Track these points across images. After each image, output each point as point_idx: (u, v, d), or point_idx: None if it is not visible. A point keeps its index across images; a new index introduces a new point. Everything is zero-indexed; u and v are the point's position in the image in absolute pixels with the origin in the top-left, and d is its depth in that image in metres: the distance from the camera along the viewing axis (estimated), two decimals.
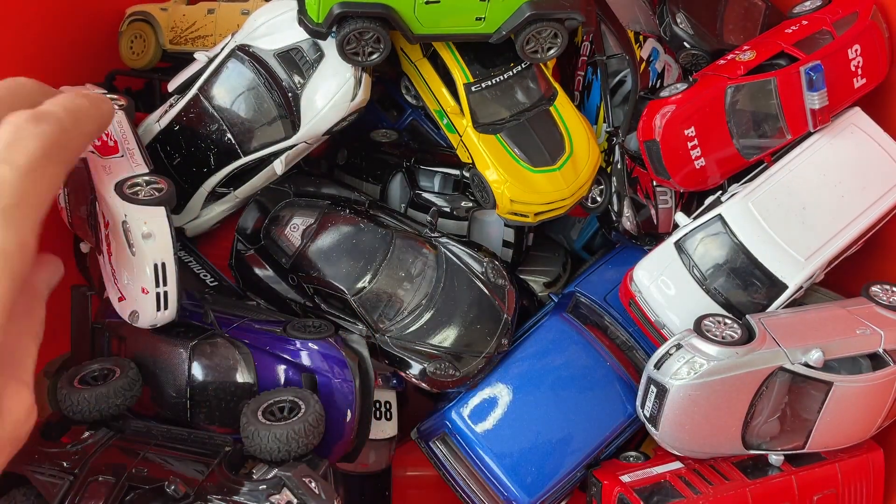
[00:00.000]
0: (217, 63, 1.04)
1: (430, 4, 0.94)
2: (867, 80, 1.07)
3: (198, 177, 1.07)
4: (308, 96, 1.02)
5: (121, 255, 0.89)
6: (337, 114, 1.02)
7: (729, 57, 1.07)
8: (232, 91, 1.04)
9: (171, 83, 1.08)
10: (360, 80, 1.01)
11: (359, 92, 1.01)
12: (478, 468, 1.04)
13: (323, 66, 1.01)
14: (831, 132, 1.06)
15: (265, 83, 1.02)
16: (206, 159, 1.06)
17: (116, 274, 0.93)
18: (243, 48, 1.03)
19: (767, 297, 1.00)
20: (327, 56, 1.01)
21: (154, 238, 0.85)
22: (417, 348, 1.02)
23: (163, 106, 1.10)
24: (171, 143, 1.08)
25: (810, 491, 0.96)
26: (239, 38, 1.04)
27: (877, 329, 0.96)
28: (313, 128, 1.02)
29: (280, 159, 1.04)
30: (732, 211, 1.02)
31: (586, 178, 1.05)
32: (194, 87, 1.05)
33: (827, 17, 1.07)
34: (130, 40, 1.27)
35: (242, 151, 1.04)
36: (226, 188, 1.09)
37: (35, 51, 1.20)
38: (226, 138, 1.04)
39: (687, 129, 1.03)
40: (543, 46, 1.01)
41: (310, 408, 0.87)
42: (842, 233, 1.01)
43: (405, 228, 1.10)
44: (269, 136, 1.04)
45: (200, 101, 1.05)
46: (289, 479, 0.76)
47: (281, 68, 1.02)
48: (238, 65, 1.03)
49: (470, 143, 1.04)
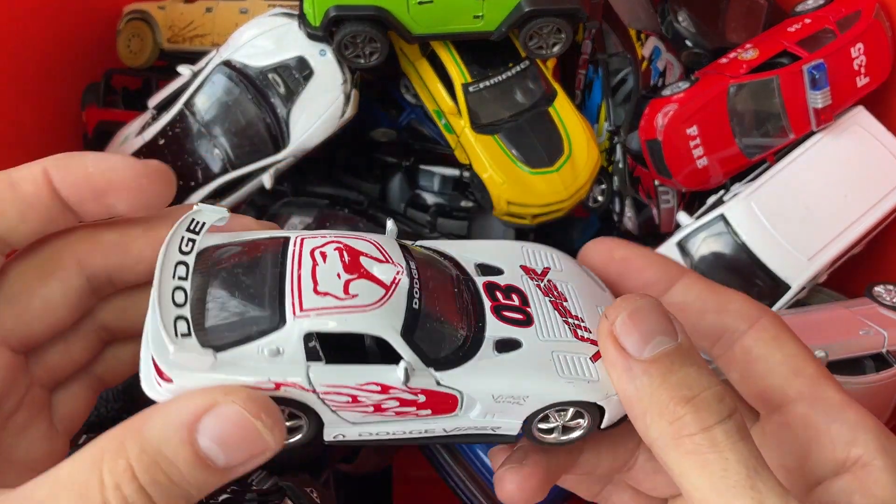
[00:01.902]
0: (202, 78, 1.02)
1: (424, 4, 0.94)
2: (870, 79, 1.06)
3: (184, 191, 1.05)
4: (297, 113, 1.00)
5: None
6: (326, 130, 1.01)
7: (731, 55, 1.07)
8: (218, 106, 1.02)
9: (151, 99, 1.07)
10: (350, 96, 1.01)
11: (347, 109, 1.01)
12: (478, 470, 1.04)
13: (312, 83, 1.00)
14: (834, 131, 1.05)
15: (253, 99, 1.01)
16: (193, 174, 1.04)
17: None
18: (229, 63, 1.02)
19: (770, 298, 1.00)
20: (316, 73, 1.00)
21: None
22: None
23: (142, 117, 1.09)
24: (156, 158, 1.06)
25: None
26: (225, 54, 1.02)
27: (880, 330, 0.95)
28: (302, 144, 1.01)
29: (268, 173, 1.03)
30: (735, 211, 1.01)
31: (585, 180, 1.05)
32: (180, 102, 1.04)
33: (830, 16, 1.06)
34: (128, 39, 1.26)
35: (230, 166, 1.03)
36: (212, 199, 1.08)
37: (33, 49, 1.19)
38: (213, 153, 1.03)
39: (689, 128, 1.03)
40: (548, 42, 1.01)
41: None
42: (845, 233, 1.00)
43: (405, 228, 1.09)
44: (256, 152, 1.02)
45: (186, 116, 1.03)
46: (290, 489, 0.76)
47: (269, 85, 1.01)
48: (224, 80, 1.01)
49: (467, 143, 1.04)
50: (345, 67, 1.00)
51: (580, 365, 0.44)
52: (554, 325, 0.46)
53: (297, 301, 0.41)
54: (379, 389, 0.41)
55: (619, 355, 0.42)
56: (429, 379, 0.42)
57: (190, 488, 0.38)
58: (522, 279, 0.49)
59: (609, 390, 0.44)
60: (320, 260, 0.43)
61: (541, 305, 0.47)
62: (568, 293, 0.48)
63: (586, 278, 0.51)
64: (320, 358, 0.41)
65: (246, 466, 0.40)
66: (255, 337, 0.41)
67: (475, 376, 0.43)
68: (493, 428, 0.45)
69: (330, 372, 0.41)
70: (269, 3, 1.18)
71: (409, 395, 0.42)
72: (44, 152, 0.48)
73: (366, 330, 0.41)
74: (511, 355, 0.44)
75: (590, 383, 0.44)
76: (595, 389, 0.44)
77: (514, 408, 0.44)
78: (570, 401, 0.44)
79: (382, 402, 0.42)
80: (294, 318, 0.40)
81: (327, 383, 0.41)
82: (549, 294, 0.48)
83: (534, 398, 0.44)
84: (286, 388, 0.40)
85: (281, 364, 0.40)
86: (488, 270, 0.49)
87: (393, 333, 0.41)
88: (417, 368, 0.42)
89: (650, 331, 0.41)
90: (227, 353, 0.40)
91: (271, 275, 0.43)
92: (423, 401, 0.43)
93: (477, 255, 0.50)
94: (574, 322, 0.46)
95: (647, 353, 0.41)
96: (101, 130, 1.22)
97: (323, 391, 0.41)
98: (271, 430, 0.38)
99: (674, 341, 0.41)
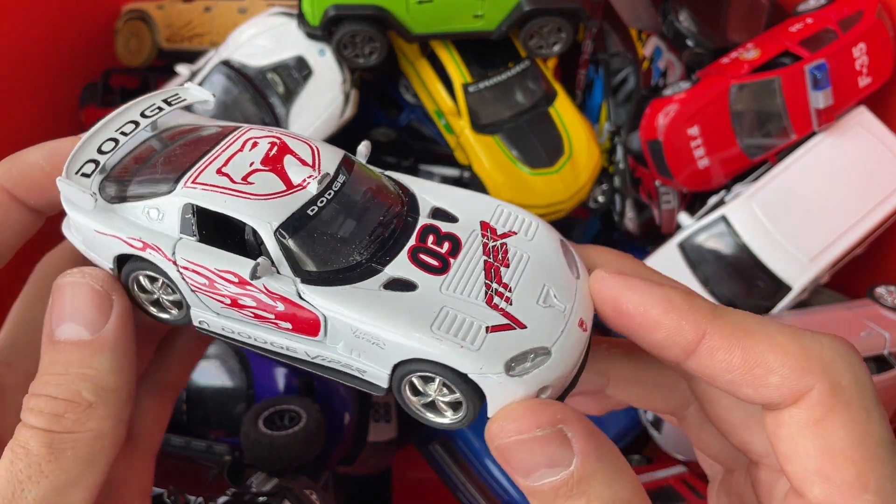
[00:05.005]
0: (201, 77, 1.02)
1: (423, 4, 0.93)
2: (872, 79, 1.05)
3: None
4: (296, 113, 1.00)
5: None
6: (326, 130, 1.01)
7: (733, 55, 1.06)
8: (217, 106, 1.02)
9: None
10: (349, 96, 1.00)
11: (347, 109, 1.01)
12: (477, 472, 1.03)
13: (311, 83, 1.00)
14: (836, 132, 1.04)
15: (251, 99, 1.00)
16: None
17: None
18: (228, 63, 1.01)
19: (772, 299, 0.99)
20: (315, 73, 1.00)
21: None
22: None
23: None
24: None
25: None
26: (224, 53, 1.02)
27: (881, 331, 0.95)
28: None
29: None
30: (736, 212, 1.01)
31: (586, 181, 1.04)
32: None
33: (831, 16, 1.06)
34: (127, 38, 1.26)
35: None
36: None
37: (32, 49, 1.19)
38: None
39: (690, 129, 1.02)
40: (548, 42, 1.00)
41: (311, 417, 0.86)
42: (847, 234, 1.00)
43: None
44: None
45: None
46: (289, 491, 0.75)
47: (268, 84, 1.00)
48: (223, 79, 1.01)
49: (467, 144, 1.03)
50: (344, 67, 1.00)
51: (467, 328, 0.38)
52: (469, 282, 0.41)
53: (194, 174, 0.42)
54: (237, 281, 0.41)
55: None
56: (290, 287, 0.40)
57: (82, 378, 0.39)
58: (472, 233, 0.44)
59: (490, 367, 0.37)
60: (247, 148, 0.43)
61: (469, 261, 0.42)
62: (516, 262, 0.42)
63: (555, 259, 0.43)
64: (193, 234, 0.41)
65: (113, 331, 0.41)
66: (146, 198, 0.42)
67: (340, 301, 0.39)
68: (360, 371, 0.42)
69: (195, 249, 0.41)
70: (268, 3, 1.18)
71: (266, 299, 0.41)
72: None
73: (239, 216, 0.40)
74: (393, 294, 0.40)
75: (463, 349, 0.37)
76: (467, 357, 0.37)
77: (376, 351, 0.40)
78: (433, 362, 0.38)
79: (239, 296, 0.41)
80: (183, 188, 0.41)
81: (189, 259, 0.41)
82: (491, 255, 0.42)
83: (393, 345, 0.39)
84: (150, 252, 0.42)
85: (154, 228, 0.42)
86: (442, 215, 0.45)
87: (265, 227, 0.40)
88: (282, 273, 0.40)
89: (533, 464, 0.36)
90: (119, 205, 0.43)
91: (198, 152, 0.44)
92: (282, 310, 0.41)
93: (443, 200, 0.46)
94: (497, 288, 0.40)
95: (531, 482, 0.36)
96: None
97: (183, 265, 0.42)
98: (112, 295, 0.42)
99: (563, 469, 0.35)
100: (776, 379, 0.37)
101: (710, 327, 0.38)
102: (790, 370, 0.37)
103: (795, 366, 0.37)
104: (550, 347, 0.39)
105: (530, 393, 0.38)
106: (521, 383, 0.37)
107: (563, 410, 0.37)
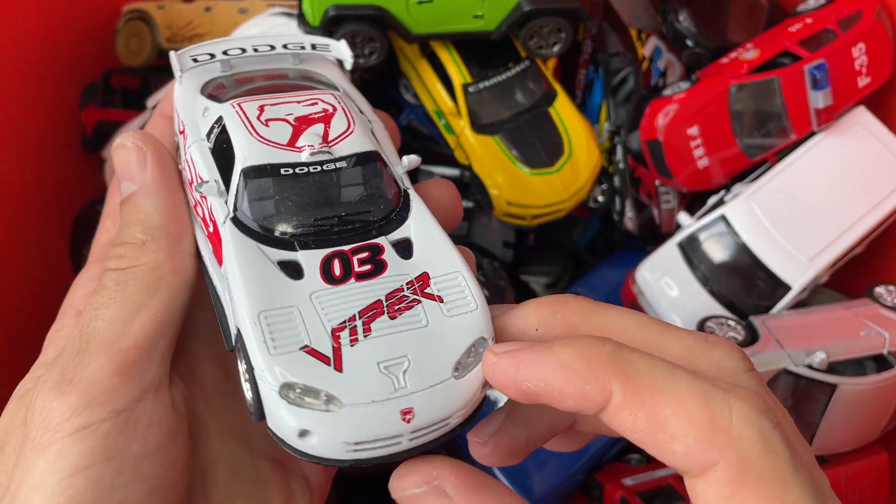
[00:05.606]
0: None
1: (423, 4, 0.93)
2: (872, 79, 1.05)
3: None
4: None
5: None
6: None
7: (732, 55, 1.06)
8: None
9: (150, 99, 1.06)
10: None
11: None
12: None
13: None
14: (836, 132, 1.05)
15: None
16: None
17: None
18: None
19: (771, 299, 1.00)
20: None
21: None
22: None
23: (141, 116, 1.08)
24: None
25: None
26: None
27: (881, 331, 0.95)
28: None
29: None
30: (736, 211, 1.01)
31: (585, 181, 1.04)
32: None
33: (831, 16, 1.06)
34: (127, 38, 1.26)
35: None
36: None
37: (32, 49, 1.19)
38: None
39: (690, 129, 1.02)
40: (548, 42, 1.00)
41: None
42: (846, 233, 1.00)
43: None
44: None
45: None
46: None
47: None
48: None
49: (467, 144, 1.03)
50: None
51: (289, 335, 0.37)
52: (340, 306, 0.39)
53: (245, 100, 0.47)
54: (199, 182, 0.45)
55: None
56: (221, 218, 0.42)
57: (135, 223, 0.46)
58: (404, 276, 0.41)
59: (271, 376, 0.36)
60: (305, 103, 0.46)
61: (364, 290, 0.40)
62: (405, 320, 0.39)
63: (446, 346, 0.39)
64: (210, 142, 0.46)
65: (151, 176, 0.47)
66: (212, 99, 0.49)
67: (235, 250, 0.40)
68: (224, 317, 0.43)
69: (200, 151, 0.46)
70: (268, 3, 1.18)
71: (207, 217, 0.44)
72: (43, 152, 0.48)
73: (234, 141, 0.44)
74: (275, 272, 0.40)
75: (265, 344, 0.37)
76: (261, 355, 0.36)
77: (229, 307, 0.41)
78: (243, 340, 0.38)
79: (198, 204, 0.46)
80: (227, 103, 0.47)
81: (192, 156, 0.46)
82: (390, 300, 0.40)
83: (234, 311, 0.39)
84: (181, 137, 0.50)
85: (197, 122, 0.48)
86: (402, 246, 0.43)
87: (241, 161, 0.43)
88: (227, 204, 0.43)
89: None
90: (198, 96, 0.50)
91: (273, 89, 0.50)
92: (211, 232, 0.44)
93: (422, 237, 0.44)
94: (356, 326, 0.38)
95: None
96: (99, 130, 1.22)
97: (187, 158, 0.47)
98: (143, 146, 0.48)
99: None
100: (680, 448, 0.34)
101: (615, 386, 0.35)
102: (694, 440, 0.34)
103: (700, 436, 0.34)
104: (345, 403, 0.36)
105: (290, 423, 0.36)
106: (285, 408, 0.36)
107: (440, 466, 0.37)
